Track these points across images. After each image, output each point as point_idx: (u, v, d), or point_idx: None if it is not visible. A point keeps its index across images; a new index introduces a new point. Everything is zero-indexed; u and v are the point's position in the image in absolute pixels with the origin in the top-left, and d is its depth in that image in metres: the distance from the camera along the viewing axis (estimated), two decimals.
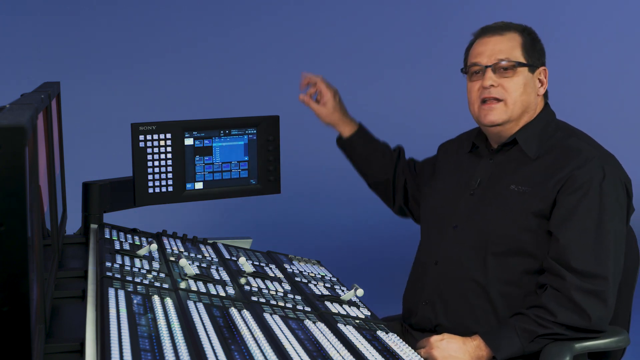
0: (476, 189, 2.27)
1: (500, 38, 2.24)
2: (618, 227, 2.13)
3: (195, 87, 4.82)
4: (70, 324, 1.75)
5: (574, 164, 2.14)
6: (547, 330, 2.08)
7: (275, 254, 2.60)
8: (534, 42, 2.26)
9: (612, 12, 4.86)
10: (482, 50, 2.25)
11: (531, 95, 2.23)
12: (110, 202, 2.63)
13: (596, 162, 2.13)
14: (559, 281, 2.08)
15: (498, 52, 2.22)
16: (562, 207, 2.12)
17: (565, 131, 2.25)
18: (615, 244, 2.12)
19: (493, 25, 2.29)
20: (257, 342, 1.59)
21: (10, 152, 1.10)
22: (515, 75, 2.21)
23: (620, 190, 2.15)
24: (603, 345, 2.14)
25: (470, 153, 2.37)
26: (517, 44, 2.23)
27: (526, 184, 2.18)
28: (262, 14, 4.90)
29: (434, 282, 2.26)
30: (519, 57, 2.22)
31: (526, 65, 2.22)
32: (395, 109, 4.81)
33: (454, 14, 4.84)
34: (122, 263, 2.01)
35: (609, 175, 2.13)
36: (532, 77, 2.24)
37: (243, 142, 2.69)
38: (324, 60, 4.86)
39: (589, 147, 2.18)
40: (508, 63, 2.21)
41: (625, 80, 4.80)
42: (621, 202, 2.15)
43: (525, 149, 2.22)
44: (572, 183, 2.12)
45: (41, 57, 4.69)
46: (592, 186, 2.11)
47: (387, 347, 1.76)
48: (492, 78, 2.21)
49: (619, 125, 4.65)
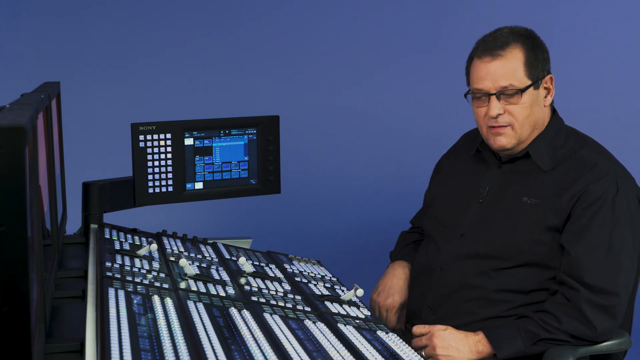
0: (485, 197, 2.25)
1: (501, 62, 2.16)
2: (630, 242, 2.13)
3: (195, 87, 4.82)
4: (70, 324, 1.75)
5: (588, 178, 2.12)
6: (550, 335, 2.08)
7: (275, 254, 2.60)
8: (537, 52, 2.19)
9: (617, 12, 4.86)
10: (484, 75, 2.18)
11: (539, 111, 2.19)
12: (110, 202, 2.63)
13: (610, 177, 2.12)
14: (571, 292, 2.08)
15: (500, 78, 2.16)
16: (575, 221, 2.11)
17: (576, 140, 2.22)
18: (628, 259, 2.12)
19: (492, 39, 2.20)
20: (257, 342, 1.59)
21: (10, 152, 1.10)
22: (521, 99, 2.16)
23: (633, 204, 2.15)
24: (605, 348, 2.14)
25: (474, 157, 2.35)
26: (519, 63, 2.16)
27: (539, 196, 2.16)
28: (262, 13, 4.89)
29: (439, 289, 2.26)
30: (522, 79, 2.15)
31: (531, 86, 2.16)
32: (395, 109, 4.81)
33: (452, 12, 4.84)
34: (122, 263, 2.01)
35: (622, 189, 2.13)
36: (538, 92, 2.19)
37: (243, 142, 2.69)
38: (324, 60, 4.86)
39: (603, 159, 2.17)
40: (512, 90, 2.15)
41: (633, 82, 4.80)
42: (634, 217, 2.14)
43: (539, 163, 2.19)
44: (586, 198, 2.10)
45: (41, 57, 4.69)
46: (606, 201, 2.10)
47: (387, 347, 1.76)
48: (498, 107, 2.16)
49: (628, 129, 4.65)
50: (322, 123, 4.78)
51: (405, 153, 4.54)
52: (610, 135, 2.97)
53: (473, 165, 2.33)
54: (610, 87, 4.81)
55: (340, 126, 4.79)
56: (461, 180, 2.34)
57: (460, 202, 2.29)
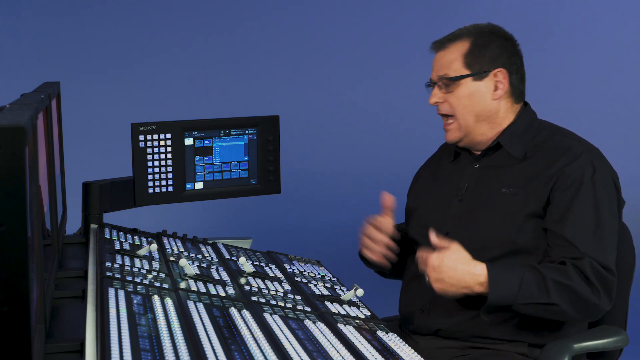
0: (464, 194, 2.26)
1: (443, 53, 2.23)
2: (613, 220, 2.13)
3: (195, 87, 4.82)
4: (70, 324, 1.75)
5: (564, 160, 2.14)
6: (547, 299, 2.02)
7: (275, 254, 2.60)
8: (485, 46, 2.21)
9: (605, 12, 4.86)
10: (433, 66, 2.26)
11: (483, 102, 2.20)
12: (110, 202, 2.63)
13: (585, 157, 2.14)
14: (576, 261, 2.06)
15: (439, 68, 2.23)
16: (557, 204, 2.11)
17: (549, 130, 2.24)
18: (613, 237, 2.12)
19: (444, 37, 2.27)
20: (257, 342, 1.59)
21: (10, 152, 1.10)
22: (457, 88, 2.20)
23: (610, 184, 2.16)
24: (602, 346, 2.14)
25: (453, 162, 2.36)
26: (458, 55, 2.20)
27: (516, 185, 2.17)
28: (262, 13, 4.90)
29: (429, 290, 2.25)
30: (458, 69, 2.20)
31: (467, 76, 2.19)
32: (395, 109, 4.81)
33: (453, 14, 4.84)
34: (122, 263, 2.02)
35: (599, 169, 2.14)
36: (482, 83, 2.20)
37: (243, 142, 2.69)
38: (324, 60, 4.86)
39: (576, 142, 2.19)
40: (445, 79, 2.21)
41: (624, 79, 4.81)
42: (611, 196, 2.15)
43: (510, 151, 2.21)
44: (564, 180, 2.12)
45: (41, 57, 4.69)
46: (585, 181, 2.11)
47: (387, 347, 1.76)
48: (437, 95, 2.23)
49: (603, 120, 4.64)
50: (322, 123, 4.78)
51: (405, 153, 4.54)
52: (610, 135, 2.98)
53: (452, 169, 2.35)
54: (610, 87, 4.81)
55: (340, 126, 4.79)
56: (441, 183, 2.35)
57: (442, 203, 2.30)
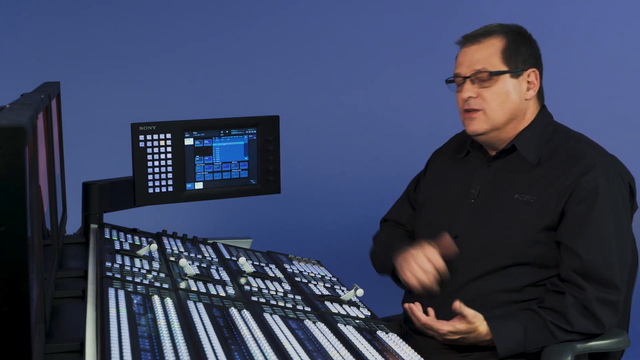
0: (476, 197, 2.25)
1: (478, 47, 2.20)
2: (627, 233, 2.13)
3: (195, 87, 4.82)
4: (70, 324, 1.75)
5: (578, 171, 2.12)
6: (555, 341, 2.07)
7: (275, 254, 2.60)
8: (519, 45, 2.21)
9: (610, 11, 4.86)
10: (462, 60, 2.22)
11: (516, 101, 2.19)
12: (110, 202, 2.63)
13: (599, 168, 2.12)
14: (578, 291, 2.07)
15: (475, 62, 2.19)
16: (572, 218, 2.10)
17: (564, 134, 2.23)
18: (627, 252, 2.13)
19: (474, 32, 2.24)
20: (257, 342, 1.59)
21: (10, 152, 1.10)
22: (495, 84, 2.18)
23: (625, 192, 2.15)
24: (604, 347, 2.14)
25: (465, 158, 2.35)
26: (496, 50, 2.19)
27: (530, 192, 2.15)
28: (262, 13, 4.89)
29: (436, 293, 2.25)
30: (497, 64, 2.18)
31: (506, 72, 2.18)
32: (396, 109, 4.81)
33: (453, 14, 4.84)
34: (122, 263, 2.02)
35: (613, 179, 2.12)
36: (517, 82, 2.19)
37: (243, 142, 2.69)
38: (324, 61, 4.86)
39: (591, 150, 2.17)
40: (484, 73, 2.17)
41: (623, 79, 4.80)
42: (626, 206, 2.15)
43: (525, 155, 2.20)
44: (578, 192, 2.10)
45: (41, 57, 4.69)
46: (599, 194, 2.09)
47: (387, 347, 1.76)
48: (470, 89, 2.19)
49: (618, 124, 4.64)
50: (322, 123, 4.78)
51: (405, 153, 4.54)
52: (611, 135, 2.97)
53: (463, 166, 2.33)
54: (610, 87, 4.81)
55: (340, 126, 4.79)
56: (452, 182, 2.33)
57: (452, 204, 2.28)
